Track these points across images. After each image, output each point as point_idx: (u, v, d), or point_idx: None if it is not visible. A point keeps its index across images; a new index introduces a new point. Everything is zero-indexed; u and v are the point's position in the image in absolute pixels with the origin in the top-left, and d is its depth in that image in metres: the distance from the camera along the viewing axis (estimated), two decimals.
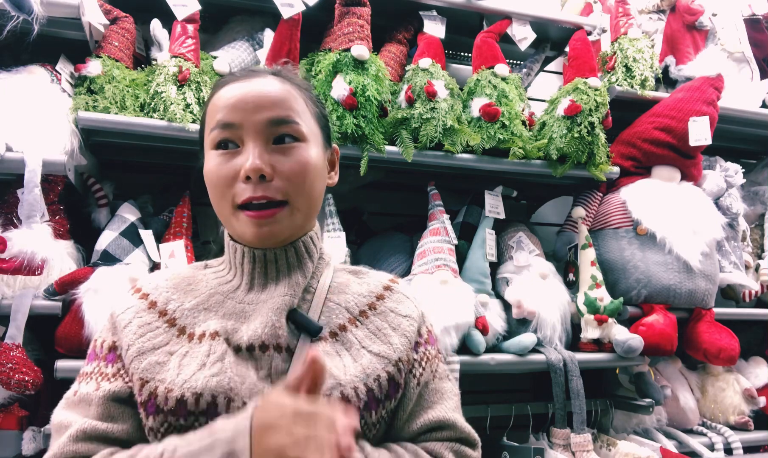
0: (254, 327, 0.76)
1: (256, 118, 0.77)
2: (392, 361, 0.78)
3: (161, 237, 1.51)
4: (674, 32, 2.06)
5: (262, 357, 0.75)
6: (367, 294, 0.85)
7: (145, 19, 1.55)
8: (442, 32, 1.77)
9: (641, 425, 1.84)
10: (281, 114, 0.78)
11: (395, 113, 1.62)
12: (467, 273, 1.68)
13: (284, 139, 0.78)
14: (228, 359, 0.73)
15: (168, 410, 0.71)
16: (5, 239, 1.28)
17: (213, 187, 0.79)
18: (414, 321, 0.85)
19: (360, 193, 1.84)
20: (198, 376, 0.71)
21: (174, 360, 0.74)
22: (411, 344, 0.82)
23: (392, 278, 0.91)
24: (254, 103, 0.77)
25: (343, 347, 0.78)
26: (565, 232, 1.92)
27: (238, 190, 0.76)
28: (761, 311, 2.05)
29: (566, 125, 1.70)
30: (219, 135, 0.78)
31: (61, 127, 1.37)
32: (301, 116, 0.80)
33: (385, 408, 0.77)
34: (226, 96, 0.79)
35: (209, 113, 0.81)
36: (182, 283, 0.84)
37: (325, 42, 1.67)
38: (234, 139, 0.77)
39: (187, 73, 1.46)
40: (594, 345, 1.71)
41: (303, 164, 0.78)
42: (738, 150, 2.30)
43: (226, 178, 0.76)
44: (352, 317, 0.82)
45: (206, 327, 0.77)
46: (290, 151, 0.78)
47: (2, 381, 1.24)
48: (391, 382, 0.77)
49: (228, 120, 0.77)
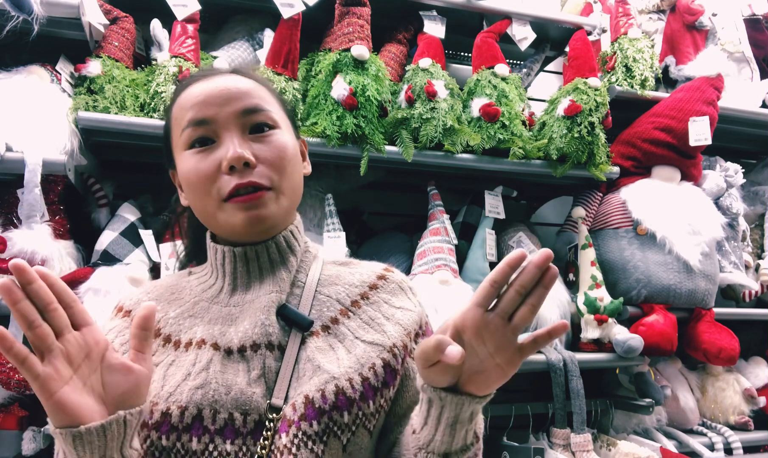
0: (244, 329, 0.74)
1: (229, 110, 0.75)
2: (386, 347, 0.76)
3: (161, 237, 1.51)
4: (674, 32, 2.06)
5: (254, 357, 0.73)
6: (359, 284, 0.83)
7: (145, 19, 1.55)
8: (442, 32, 1.77)
9: (641, 425, 1.84)
10: (252, 103, 0.77)
11: (395, 113, 1.62)
12: (467, 273, 1.68)
13: (260, 127, 0.77)
14: (213, 368, 0.72)
15: (153, 424, 0.69)
16: (5, 239, 1.28)
17: (194, 186, 0.76)
18: (411, 313, 0.83)
19: (360, 193, 1.84)
20: (183, 388, 0.70)
21: (159, 371, 0.73)
22: (407, 332, 0.80)
23: (386, 267, 0.89)
24: (223, 97, 0.76)
25: (336, 340, 0.77)
26: (565, 232, 1.92)
27: (223, 183, 0.74)
28: (761, 311, 2.05)
29: (566, 125, 1.70)
30: (193, 133, 0.76)
31: (61, 127, 1.37)
32: (271, 105, 0.80)
33: (383, 397, 0.75)
34: (193, 95, 0.77)
35: (176, 116, 0.79)
36: (165, 293, 0.83)
37: (325, 42, 1.67)
38: (208, 135, 0.76)
39: (187, 73, 1.46)
40: (594, 345, 1.71)
41: (283, 149, 0.77)
42: (738, 150, 2.30)
43: (207, 173, 0.74)
44: (343, 308, 0.80)
45: (192, 334, 0.76)
46: (268, 138, 0.77)
47: (2, 381, 1.24)
48: (387, 369, 0.76)
49: (200, 116, 0.75)
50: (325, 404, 0.69)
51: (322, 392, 0.70)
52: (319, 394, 0.70)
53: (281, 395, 0.71)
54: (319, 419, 0.69)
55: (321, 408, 0.69)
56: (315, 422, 0.69)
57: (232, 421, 0.69)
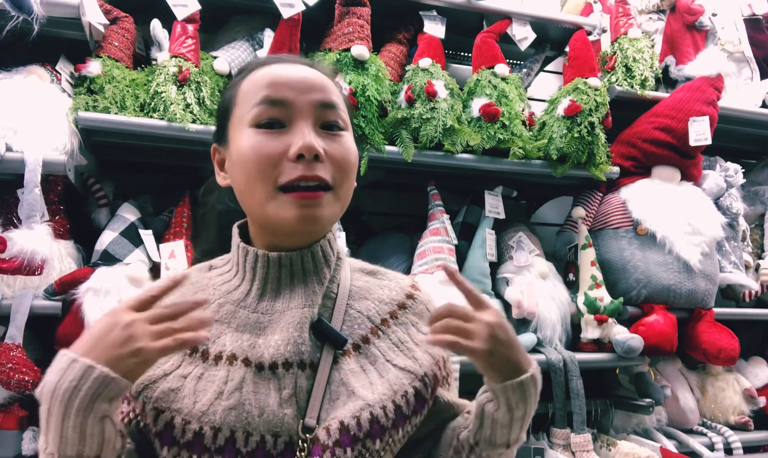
0: (276, 344, 0.72)
1: (308, 98, 0.73)
2: (418, 376, 0.76)
3: (161, 237, 1.51)
4: (674, 32, 2.06)
5: (285, 375, 0.71)
6: (389, 301, 0.82)
7: (145, 19, 1.55)
8: (442, 32, 1.77)
9: (641, 425, 1.84)
10: (331, 99, 0.75)
11: (395, 113, 1.62)
12: (467, 273, 1.68)
13: (332, 126, 0.75)
14: (246, 388, 0.70)
15: (184, 443, 0.68)
16: (5, 239, 1.28)
17: (251, 165, 0.71)
18: None
19: (360, 193, 1.83)
20: (216, 408, 0.69)
21: (188, 385, 0.71)
22: (435, 361, 0.80)
23: (413, 283, 0.87)
24: (305, 83, 0.74)
25: (367, 362, 0.76)
26: (565, 232, 1.92)
27: (286, 169, 0.70)
28: (761, 311, 2.05)
29: (566, 125, 1.70)
30: (266, 112, 0.72)
31: (61, 127, 1.37)
32: (343, 106, 0.78)
33: (411, 423, 0.75)
34: (271, 73, 0.74)
35: (246, 90, 0.75)
36: (188, 292, 0.79)
37: (325, 42, 1.67)
38: (281, 118, 0.72)
39: (187, 73, 1.46)
40: (594, 345, 1.71)
41: (351, 153, 0.76)
42: (738, 150, 2.30)
43: (271, 156, 0.70)
44: (374, 327, 0.79)
45: (221, 346, 0.73)
46: (338, 139, 0.75)
47: (2, 381, 1.24)
48: (419, 398, 0.75)
49: (277, 96, 0.72)
50: (360, 432, 0.69)
51: (357, 420, 0.70)
52: (354, 422, 0.69)
53: (314, 415, 0.71)
54: (353, 446, 0.69)
55: (356, 436, 0.69)
56: (349, 448, 0.69)
57: (264, 444, 0.69)
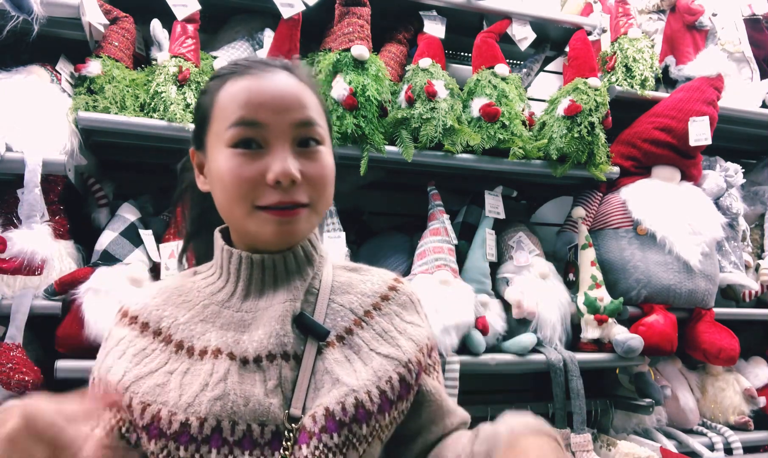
0: (259, 338, 0.74)
1: (283, 119, 0.73)
2: (402, 362, 0.78)
3: (161, 237, 1.51)
4: (674, 32, 2.06)
5: (270, 367, 0.73)
6: (371, 294, 0.84)
7: (145, 19, 1.55)
8: (442, 32, 1.77)
9: (641, 425, 1.84)
10: (306, 116, 0.75)
11: (395, 113, 1.62)
12: (467, 273, 1.68)
13: (308, 142, 0.76)
14: (231, 379, 0.71)
15: (171, 434, 0.69)
16: (5, 239, 1.28)
17: (230, 187, 0.73)
18: (421, 329, 0.84)
19: (360, 193, 1.84)
20: (201, 399, 0.70)
21: (175, 380, 0.72)
22: (419, 348, 0.82)
23: (396, 277, 0.90)
24: (279, 103, 0.74)
25: (351, 351, 0.77)
26: (565, 232, 1.92)
27: (263, 193, 0.72)
28: (761, 311, 2.05)
29: (566, 125, 1.70)
30: (241, 133, 0.73)
31: (61, 127, 1.37)
32: (320, 117, 0.78)
33: (397, 409, 0.77)
34: (246, 89, 0.74)
35: (222, 106, 0.76)
36: (173, 296, 0.81)
37: (325, 42, 1.67)
38: (257, 139, 0.73)
39: (187, 73, 1.46)
40: (594, 345, 1.71)
41: (327, 169, 0.77)
42: (738, 150, 2.30)
43: (249, 179, 0.72)
44: (357, 318, 0.81)
45: (206, 342, 0.75)
46: (314, 155, 0.75)
47: (2, 381, 1.24)
48: (403, 383, 0.77)
49: (252, 118, 0.73)
50: (345, 416, 0.70)
51: (342, 404, 0.71)
52: (339, 407, 0.71)
53: (299, 405, 0.72)
54: (339, 431, 0.70)
55: (341, 421, 0.70)
56: (335, 434, 0.70)
57: (250, 432, 0.70)
